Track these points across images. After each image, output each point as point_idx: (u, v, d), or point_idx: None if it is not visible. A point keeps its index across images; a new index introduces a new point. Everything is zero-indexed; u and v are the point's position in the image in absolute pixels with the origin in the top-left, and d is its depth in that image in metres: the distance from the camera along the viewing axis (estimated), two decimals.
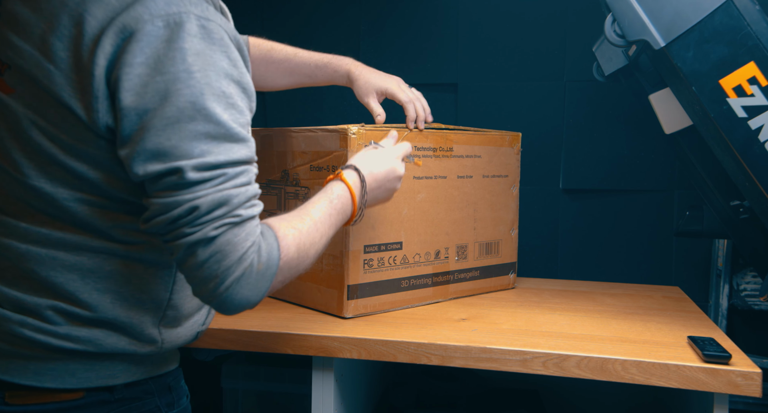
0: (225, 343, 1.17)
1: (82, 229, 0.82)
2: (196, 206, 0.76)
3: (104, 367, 0.84)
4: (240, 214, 0.78)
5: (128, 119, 0.75)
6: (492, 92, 1.79)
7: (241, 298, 0.79)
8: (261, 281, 0.80)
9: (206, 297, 0.80)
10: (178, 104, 0.75)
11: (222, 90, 0.77)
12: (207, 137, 0.76)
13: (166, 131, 0.75)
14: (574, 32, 1.73)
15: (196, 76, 0.75)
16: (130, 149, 0.76)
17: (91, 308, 0.82)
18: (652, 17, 1.09)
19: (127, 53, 0.75)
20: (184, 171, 0.75)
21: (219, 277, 0.77)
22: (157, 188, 0.77)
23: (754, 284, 1.59)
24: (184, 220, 0.76)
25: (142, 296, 0.86)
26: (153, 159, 0.75)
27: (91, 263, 0.82)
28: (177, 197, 0.76)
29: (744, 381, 1.00)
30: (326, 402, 1.17)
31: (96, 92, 0.76)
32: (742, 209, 1.24)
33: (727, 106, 1.07)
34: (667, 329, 1.23)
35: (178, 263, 0.80)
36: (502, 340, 1.13)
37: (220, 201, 0.77)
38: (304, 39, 1.89)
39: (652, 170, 1.71)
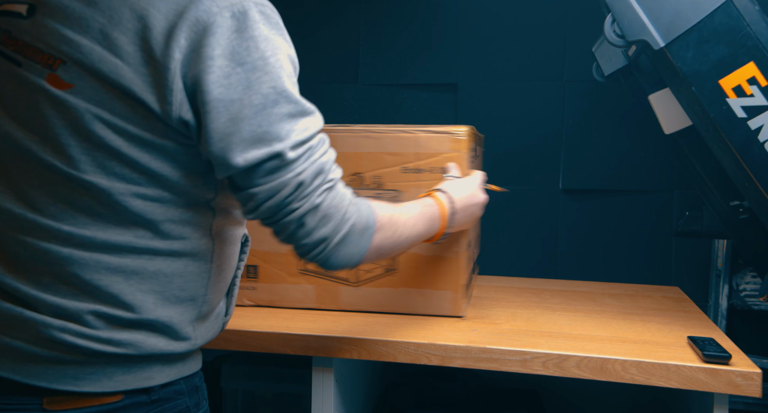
0: (225, 343, 1.17)
1: (127, 227, 0.82)
2: (302, 181, 0.81)
3: (141, 369, 0.84)
4: (332, 178, 0.85)
5: (216, 111, 0.78)
6: (492, 92, 1.79)
7: (345, 254, 0.87)
8: (362, 240, 0.88)
9: (313, 257, 0.86)
10: (262, 91, 0.79)
11: (289, 71, 0.82)
12: (290, 117, 0.81)
13: (257, 118, 0.78)
14: (574, 32, 1.73)
15: (270, 62, 0.79)
16: (224, 141, 0.78)
17: (134, 310, 0.82)
18: (651, 17, 1.09)
19: (205, 47, 0.77)
20: (284, 154, 0.79)
21: (329, 237, 0.84)
22: (259, 174, 0.80)
23: (753, 284, 1.59)
24: (292, 196, 0.81)
25: (182, 294, 0.86)
26: (251, 147, 0.79)
27: (135, 265, 0.82)
28: (282, 178, 0.80)
29: (744, 381, 1.00)
30: (326, 402, 1.17)
31: (171, 85, 0.77)
32: (741, 210, 1.24)
33: (726, 106, 1.07)
34: (666, 329, 1.23)
35: (287, 238, 0.85)
36: (502, 340, 1.13)
37: (317, 171, 0.83)
38: (304, 39, 1.89)
39: (652, 171, 1.71)
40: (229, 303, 0.98)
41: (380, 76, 1.85)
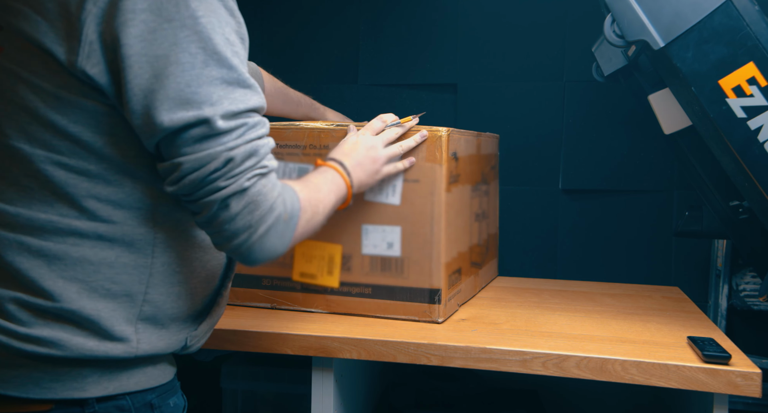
0: (225, 343, 1.17)
1: (50, 204, 0.78)
2: (231, 158, 0.76)
3: (71, 377, 0.79)
4: (266, 165, 0.80)
5: (139, 66, 0.74)
6: (491, 93, 1.79)
7: (270, 246, 0.82)
8: (286, 231, 0.83)
9: (235, 249, 0.81)
10: (190, 49, 0.75)
11: (226, 37, 0.78)
12: (223, 82, 0.76)
13: (185, 77, 0.74)
14: (574, 33, 1.73)
15: (202, 22, 0.75)
16: (149, 99, 0.74)
17: (54, 298, 0.78)
18: (651, 17, 1.09)
19: (126, 1, 0.74)
20: (212, 120, 0.75)
21: (252, 227, 0.79)
22: (185, 142, 0.76)
23: (753, 284, 1.59)
24: (219, 172, 0.76)
25: (113, 287, 0.80)
26: (178, 107, 0.74)
27: (57, 249, 0.78)
28: (210, 150, 0.76)
29: (744, 382, 1.00)
30: (326, 403, 1.17)
31: (81, 37, 0.75)
32: (741, 210, 1.24)
33: (726, 106, 1.07)
34: (666, 329, 1.23)
35: (207, 221, 0.80)
36: (501, 340, 1.13)
37: (250, 152, 0.78)
38: (304, 39, 1.89)
39: (652, 171, 1.71)
40: (203, 321, 0.91)
41: (380, 76, 1.85)
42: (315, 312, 1.30)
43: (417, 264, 1.23)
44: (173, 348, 0.87)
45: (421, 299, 1.24)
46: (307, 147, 1.25)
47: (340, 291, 1.28)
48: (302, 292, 1.29)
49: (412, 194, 1.22)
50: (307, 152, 1.25)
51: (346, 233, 1.26)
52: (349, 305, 1.28)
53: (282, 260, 1.25)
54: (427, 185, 1.21)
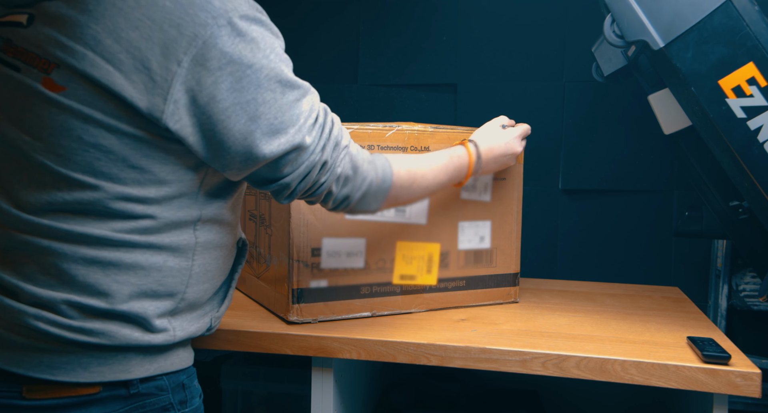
0: (224, 343, 1.17)
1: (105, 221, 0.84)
2: (326, 160, 0.91)
3: (117, 361, 0.86)
4: (345, 144, 0.94)
5: (236, 115, 0.83)
6: (491, 93, 1.79)
7: (364, 205, 0.99)
8: (379, 193, 0.99)
9: (339, 210, 0.99)
10: (271, 86, 0.84)
11: (285, 57, 0.88)
12: (296, 101, 0.87)
13: (272, 112, 0.85)
14: (574, 33, 1.73)
15: (271, 58, 0.85)
16: (248, 140, 0.84)
17: (108, 300, 0.84)
18: (651, 18, 1.09)
19: (211, 60, 0.80)
20: (303, 143, 0.88)
21: (350, 195, 0.96)
22: (286, 165, 0.89)
23: (753, 284, 1.59)
24: (320, 173, 0.91)
25: (159, 289, 0.88)
26: (272, 138, 0.85)
27: (111, 256, 0.84)
28: (308, 162, 0.89)
29: (743, 382, 1.00)
30: (326, 403, 1.17)
31: (166, 95, 0.80)
32: (741, 210, 1.24)
33: (726, 106, 1.07)
34: (666, 329, 1.23)
35: (316, 202, 0.97)
36: (501, 341, 1.13)
37: (334, 145, 0.92)
38: (304, 39, 1.90)
39: (652, 171, 1.71)
40: (222, 301, 1.01)
41: (380, 76, 1.85)
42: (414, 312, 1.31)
43: (504, 253, 1.40)
44: (202, 330, 0.96)
45: (506, 284, 1.41)
46: (408, 149, 1.28)
47: (437, 288, 1.34)
48: (402, 295, 1.30)
49: (500, 190, 1.38)
50: (409, 153, 1.27)
51: (443, 231, 1.33)
52: (445, 300, 1.35)
53: (382, 264, 1.27)
54: (512, 181, 1.40)
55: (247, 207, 1.38)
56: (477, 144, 1.19)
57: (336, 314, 1.24)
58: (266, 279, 1.30)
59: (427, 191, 1.08)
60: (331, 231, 1.22)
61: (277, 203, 1.24)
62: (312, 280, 1.21)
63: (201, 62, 0.80)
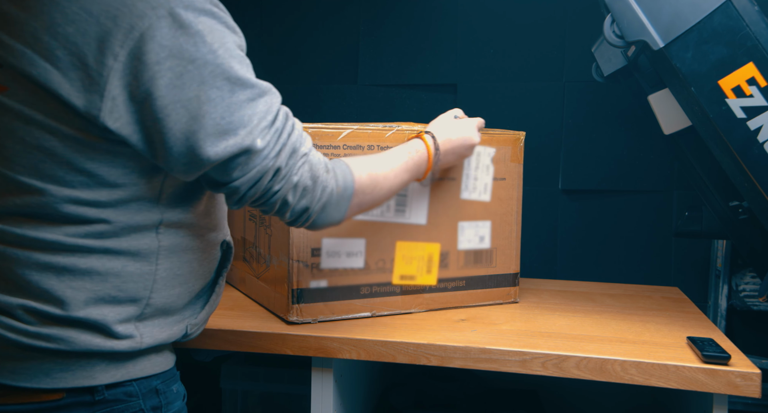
0: (224, 344, 1.17)
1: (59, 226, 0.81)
2: (279, 167, 0.85)
3: (80, 367, 0.83)
4: (305, 152, 0.88)
5: (176, 114, 0.78)
6: (491, 93, 1.79)
7: (327, 218, 0.93)
8: (341, 202, 0.94)
9: (299, 225, 0.93)
10: (216, 83, 0.79)
11: (240, 55, 0.83)
12: (249, 102, 0.82)
13: (218, 111, 0.79)
14: (573, 33, 1.73)
15: (220, 53, 0.79)
16: (191, 140, 0.79)
17: (63, 306, 0.81)
18: (651, 18, 1.09)
19: (148, 53, 0.76)
20: (253, 146, 0.81)
21: (309, 208, 0.90)
22: (235, 169, 0.82)
23: (753, 284, 1.59)
24: (273, 180, 0.85)
25: (119, 294, 0.84)
26: (218, 139, 0.80)
27: (66, 262, 0.81)
28: (259, 167, 0.83)
29: (743, 382, 1.00)
30: (325, 403, 1.17)
31: (103, 92, 0.76)
32: (741, 210, 1.24)
33: (726, 106, 1.07)
34: (666, 329, 1.23)
35: (273, 214, 0.90)
36: (501, 341, 1.13)
37: (290, 152, 0.86)
38: (303, 39, 1.89)
39: (651, 171, 1.71)
40: (203, 308, 0.96)
41: (380, 76, 1.85)
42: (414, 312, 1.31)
43: (503, 253, 1.40)
44: (175, 337, 0.91)
45: (506, 284, 1.41)
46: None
47: (437, 288, 1.33)
48: (401, 295, 1.30)
49: (500, 190, 1.38)
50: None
51: (443, 231, 1.33)
52: (444, 300, 1.35)
53: (382, 265, 1.27)
54: (511, 181, 1.39)
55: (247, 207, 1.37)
56: (434, 136, 1.15)
57: (336, 314, 1.24)
58: (266, 279, 1.30)
59: (390, 193, 1.03)
60: (330, 231, 1.22)
61: None
62: (312, 280, 1.21)
63: (138, 56, 0.76)
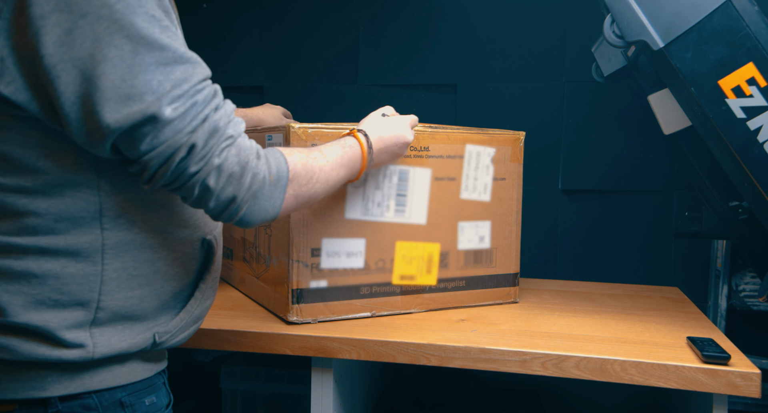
0: (224, 344, 1.17)
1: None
2: (194, 144, 0.74)
3: (30, 378, 0.77)
4: (231, 134, 0.78)
5: (67, 74, 0.69)
6: (491, 93, 1.79)
7: (259, 210, 0.82)
8: (275, 192, 0.83)
9: (228, 218, 0.81)
10: (114, 41, 0.70)
11: (150, 14, 0.72)
12: (159, 65, 0.72)
13: (117, 72, 0.70)
14: (573, 33, 1.73)
15: (117, 8, 0.70)
16: (87, 105, 0.70)
17: (2, 312, 0.76)
18: (651, 18, 1.09)
19: (31, 6, 0.68)
20: (160, 114, 0.71)
21: (237, 196, 0.79)
22: (142, 140, 0.72)
23: (753, 284, 1.59)
24: (187, 160, 0.74)
25: (61, 297, 0.77)
26: (120, 105, 0.70)
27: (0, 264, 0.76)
28: (170, 141, 0.73)
29: (743, 382, 1.00)
30: (325, 403, 1.17)
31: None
32: (740, 210, 1.24)
33: (726, 106, 1.07)
34: (666, 329, 1.23)
35: (195, 202, 0.79)
36: (501, 341, 1.13)
37: (212, 130, 0.75)
38: (303, 39, 1.89)
39: (651, 171, 1.71)
40: (174, 316, 0.88)
41: (380, 76, 1.85)
42: (414, 312, 1.31)
43: (503, 253, 1.40)
44: (139, 346, 0.83)
45: (506, 284, 1.41)
46: (408, 149, 1.26)
47: (437, 288, 1.33)
48: (401, 295, 1.30)
49: (499, 190, 1.38)
50: (408, 154, 1.27)
51: (443, 231, 1.32)
52: (444, 300, 1.35)
53: (382, 265, 1.27)
54: (511, 181, 1.39)
55: None
56: (367, 134, 1.08)
57: (336, 314, 1.24)
58: (266, 280, 1.30)
59: (327, 187, 0.94)
60: (330, 231, 1.22)
61: None
62: (312, 280, 1.21)
63: (21, 10, 0.68)
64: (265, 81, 1.92)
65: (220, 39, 1.93)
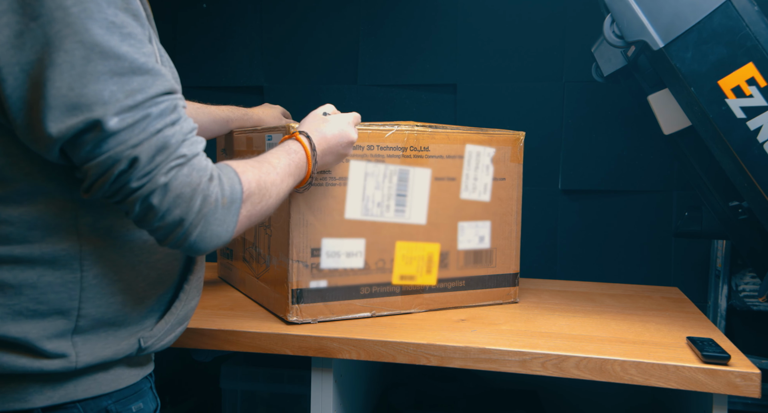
0: (224, 344, 1.17)
1: None
2: (136, 157, 0.69)
3: (11, 389, 0.75)
4: (184, 153, 0.73)
5: (14, 78, 0.67)
6: (491, 93, 1.79)
7: (211, 235, 0.76)
8: (228, 216, 0.77)
9: (175, 243, 0.75)
10: (65, 46, 0.66)
11: (110, 20, 0.68)
12: (114, 75, 0.68)
13: (65, 80, 0.66)
14: (573, 33, 1.73)
15: (72, 11, 0.66)
16: (33, 111, 0.67)
17: None
18: (650, 18, 1.09)
19: None
20: (103, 121, 0.67)
21: (185, 220, 0.73)
22: (84, 148, 0.69)
23: (752, 284, 1.59)
24: (126, 175, 0.70)
25: (39, 307, 0.75)
26: (65, 115, 0.67)
27: None
28: (111, 152, 0.68)
29: (743, 382, 1.00)
30: (325, 403, 1.17)
31: None
32: (740, 210, 1.24)
33: (725, 106, 1.07)
34: (666, 329, 1.23)
35: (137, 221, 0.74)
36: (501, 341, 1.13)
37: (160, 146, 0.71)
38: (303, 39, 1.89)
39: (651, 171, 1.71)
40: (158, 320, 0.86)
41: (379, 76, 1.85)
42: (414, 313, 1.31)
43: (503, 253, 1.40)
44: (124, 353, 0.82)
45: (506, 284, 1.41)
46: (408, 149, 1.28)
47: (437, 288, 1.34)
48: (401, 295, 1.30)
49: (499, 190, 1.38)
50: (408, 154, 1.28)
51: (443, 231, 1.33)
52: (444, 300, 1.35)
53: (382, 265, 1.27)
54: (511, 181, 1.40)
55: None
56: (309, 136, 1.03)
57: (336, 314, 1.24)
58: (266, 280, 1.30)
59: (278, 201, 0.89)
60: (330, 231, 1.22)
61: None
62: (311, 280, 1.21)
63: None
64: (265, 81, 1.92)
65: (220, 39, 1.93)
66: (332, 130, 1.08)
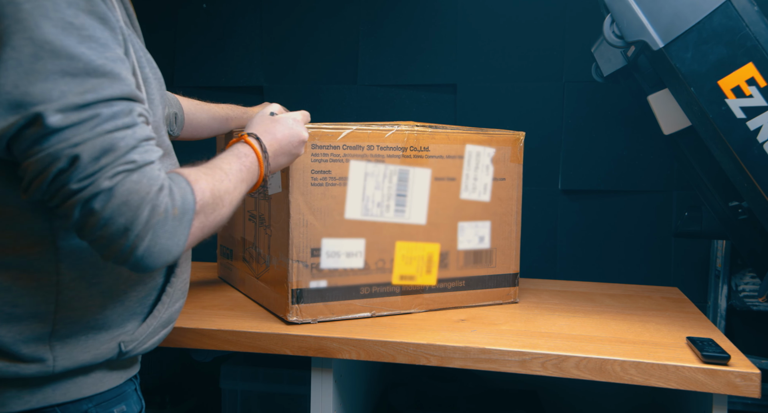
0: (223, 344, 1.17)
1: None
2: (76, 155, 0.65)
3: None
4: (134, 159, 0.68)
5: None
6: (491, 93, 1.79)
7: (160, 249, 0.70)
8: (179, 228, 0.72)
9: (120, 257, 0.70)
10: (12, 43, 0.65)
11: (68, 20, 0.66)
12: (65, 75, 0.66)
13: (10, 77, 0.65)
14: (573, 33, 1.73)
15: (25, 8, 0.65)
16: None
17: None
18: (650, 18, 1.09)
19: None
20: (44, 117, 0.64)
21: (130, 230, 0.67)
22: (23, 144, 0.66)
23: (752, 284, 1.59)
24: (66, 175, 0.66)
25: (14, 310, 0.74)
26: (8, 112, 0.65)
27: None
28: (50, 149, 0.65)
29: (743, 382, 1.00)
30: (325, 403, 1.17)
31: None
32: (740, 210, 1.24)
33: (725, 107, 1.07)
34: (666, 329, 1.23)
35: (77, 228, 0.69)
36: (501, 341, 1.13)
37: (105, 147, 0.66)
38: (303, 39, 1.89)
39: (651, 171, 1.71)
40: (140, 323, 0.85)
41: (379, 76, 1.85)
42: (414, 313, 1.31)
43: (503, 253, 1.40)
44: (104, 357, 0.80)
45: (506, 284, 1.41)
46: (408, 149, 1.27)
47: (437, 288, 1.34)
48: (401, 295, 1.30)
49: (499, 191, 1.38)
50: (408, 154, 1.28)
51: (443, 231, 1.33)
52: (444, 300, 1.35)
53: (382, 265, 1.27)
54: (511, 181, 1.40)
55: (247, 208, 1.38)
56: (259, 137, 0.97)
57: (335, 314, 1.24)
58: (266, 280, 1.30)
59: (232, 209, 0.84)
60: (330, 231, 1.22)
61: (276, 204, 1.24)
62: (311, 280, 1.21)
63: None
64: (265, 81, 1.92)
65: (220, 39, 1.93)
66: (282, 130, 1.02)
